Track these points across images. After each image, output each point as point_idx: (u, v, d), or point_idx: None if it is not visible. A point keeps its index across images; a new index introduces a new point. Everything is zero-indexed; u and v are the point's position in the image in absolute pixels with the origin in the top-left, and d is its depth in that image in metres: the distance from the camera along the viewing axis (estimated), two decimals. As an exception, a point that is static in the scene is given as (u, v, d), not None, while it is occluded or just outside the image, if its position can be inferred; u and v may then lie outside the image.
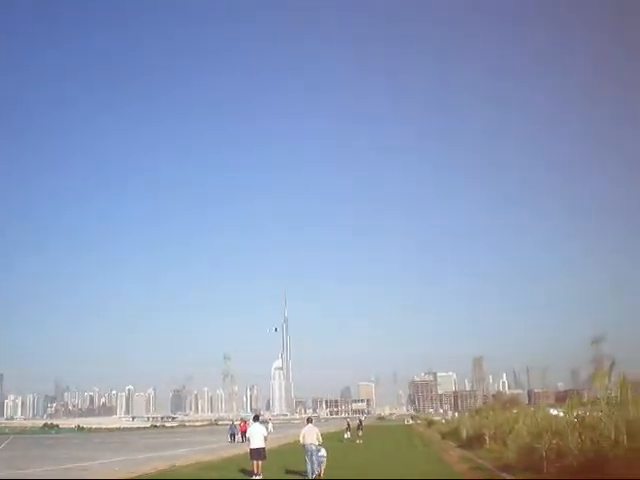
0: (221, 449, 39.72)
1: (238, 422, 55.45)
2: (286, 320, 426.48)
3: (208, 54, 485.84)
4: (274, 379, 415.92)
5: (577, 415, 15.66)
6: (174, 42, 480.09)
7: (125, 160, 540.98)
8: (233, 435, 51.99)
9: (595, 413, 14.91)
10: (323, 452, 21.87)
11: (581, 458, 13.93)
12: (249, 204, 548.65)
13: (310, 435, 21.51)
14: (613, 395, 13.50)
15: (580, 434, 14.43)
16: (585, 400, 22.16)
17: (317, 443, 21.47)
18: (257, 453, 21.16)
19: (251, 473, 21.30)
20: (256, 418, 23.89)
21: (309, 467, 21.12)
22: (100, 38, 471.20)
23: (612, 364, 13.90)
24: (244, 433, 46.97)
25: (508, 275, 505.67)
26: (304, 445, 21.46)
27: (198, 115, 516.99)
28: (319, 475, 21.28)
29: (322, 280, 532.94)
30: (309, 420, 23.86)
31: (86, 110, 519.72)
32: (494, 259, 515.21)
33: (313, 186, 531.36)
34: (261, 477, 20.86)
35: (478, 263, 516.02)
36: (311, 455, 21.21)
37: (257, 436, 21.37)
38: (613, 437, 11.41)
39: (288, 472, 23.36)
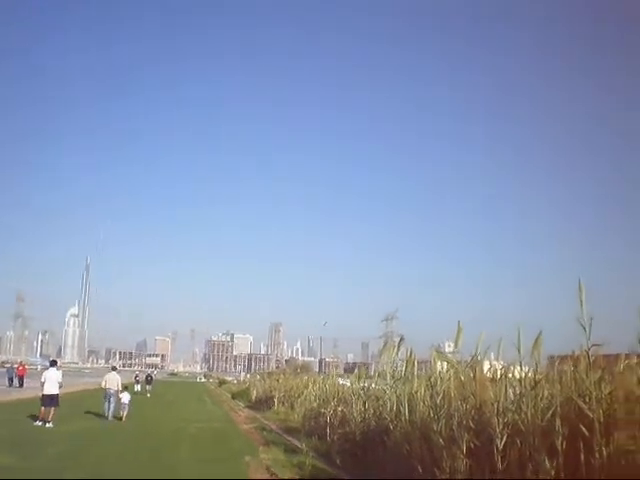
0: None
1: (16, 365, 51.68)
2: (88, 266, 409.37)
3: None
4: (68, 326, 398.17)
5: (363, 386, 16.31)
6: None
7: None
8: (11, 379, 48.14)
9: (380, 386, 15.55)
10: (127, 398, 24.22)
11: (363, 426, 14.60)
12: None
13: (112, 381, 24.10)
14: (399, 370, 14.14)
15: (365, 403, 15.07)
16: (372, 373, 23.27)
17: (117, 389, 24.11)
18: (50, 399, 20.28)
19: (37, 419, 20.34)
20: (53, 363, 23.05)
21: (107, 408, 23.56)
22: None
23: (401, 339, 14.59)
24: (22, 377, 45.80)
25: (310, 250, 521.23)
26: (105, 389, 23.92)
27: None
28: (121, 418, 23.25)
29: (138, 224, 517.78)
30: (113, 368, 27.07)
31: None
32: (303, 228, 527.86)
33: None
34: (51, 424, 19.87)
35: (284, 231, 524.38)
36: (109, 397, 23.72)
37: (52, 382, 20.60)
38: (395, 408, 11.94)
39: (87, 413, 25.33)
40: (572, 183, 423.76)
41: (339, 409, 18.13)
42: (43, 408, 20.25)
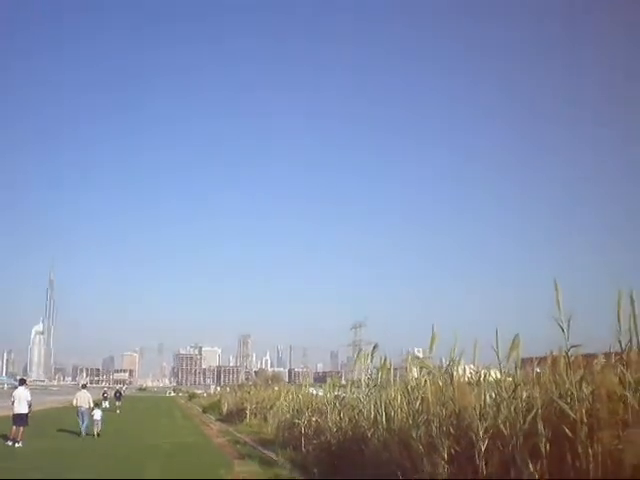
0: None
1: None
2: (52, 282, 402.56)
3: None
4: (34, 343, 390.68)
5: (337, 395, 16.18)
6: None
7: None
8: None
9: (354, 394, 15.42)
10: (99, 415, 24.79)
11: (339, 436, 14.42)
12: None
13: (83, 399, 24.77)
14: (373, 377, 14.03)
15: (340, 412, 14.91)
16: (343, 381, 23.14)
17: (88, 406, 24.70)
18: (20, 419, 20.16)
19: (8, 438, 20.06)
20: (22, 382, 22.84)
21: (81, 425, 24.12)
22: None
23: (375, 347, 14.45)
24: None
25: (277, 261, 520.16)
26: (78, 407, 24.61)
27: None
28: (98, 435, 23.67)
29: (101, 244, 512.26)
30: (84, 386, 27.91)
31: None
32: (269, 238, 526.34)
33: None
34: (21, 444, 19.64)
35: (249, 241, 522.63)
36: (82, 416, 24.42)
37: (21, 401, 20.53)
38: (372, 416, 11.81)
39: (60, 431, 25.74)
40: (552, 179, 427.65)
41: (313, 419, 17.95)
42: (14, 427, 20.00)
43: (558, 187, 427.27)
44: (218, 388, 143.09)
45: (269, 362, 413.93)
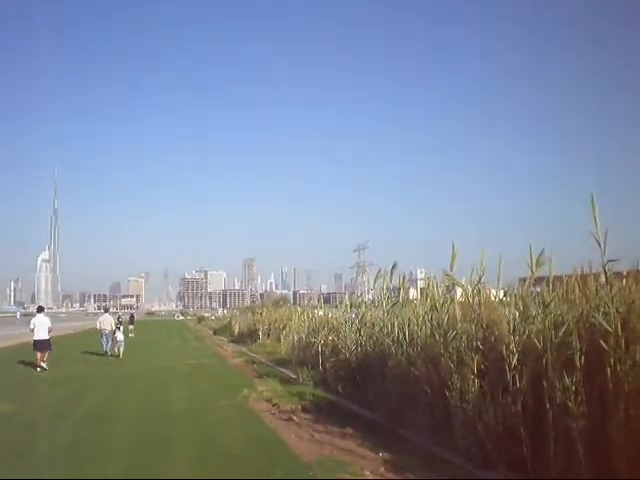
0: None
1: None
2: (56, 211, 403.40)
3: None
4: (40, 271, 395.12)
5: (357, 313, 16.27)
6: None
7: None
8: None
9: (370, 313, 15.50)
10: (121, 336, 26.75)
11: (359, 353, 14.64)
12: None
13: (106, 322, 26.92)
14: (394, 295, 14.12)
15: (359, 330, 15.06)
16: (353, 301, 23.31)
17: (110, 329, 26.72)
18: (41, 344, 20.91)
19: (37, 365, 20.78)
20: (40, 309, 23.26)
21: (105, 345, 26.47)
22: None
23: (394, 266, 14.43)
24: None
25: (282, 185, 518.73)
26: (102, 330, 26.65)
27: None
28: (118, 355, 25.60)
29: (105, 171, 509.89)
30: (106, 310, 29.67)
31: None
32: (269, 172, 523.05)
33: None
34: (45, 366, 20.56)
35: (259, 175, 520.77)
36: (106, 338, 26.57)
37: (41, 327, 21.24)
38: (396, 334, 11.93)
39: (85, 352, 27.96)
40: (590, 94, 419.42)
41: (329, 338, 18.20)
42: (38, 354, 20.77)
43: (596, 102, 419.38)
44: (225, 311, 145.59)
45: (273, 285, 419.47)
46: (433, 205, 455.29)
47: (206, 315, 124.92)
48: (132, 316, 55.02)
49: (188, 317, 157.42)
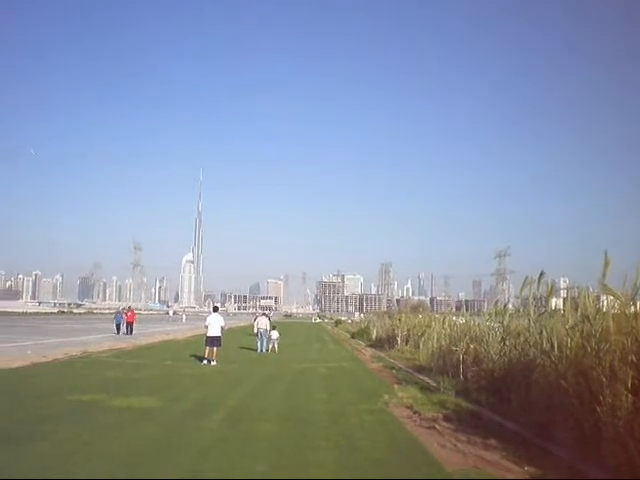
0: (132, 337, 39.39)
1: (125, 310, 48.35)
2: (200, 213, 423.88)
3: None
4: (184, 272, 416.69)
5: (501, 322, 15.83)
6: None
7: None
8: (118, 326, 43.46)
9: (514, 322, 15.10)
10: (276, 335, 30.94)
11: (501, 363, 14.30)
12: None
13: (262, 323, 31.03)
14: (542, 304, 13.62)
15: (503, 339, 14.72)
16: (485, 311, 22.79)
17: (265, 328, 30.66)
18: (212, 341, 23.07)
19: (203, 358, 23.09)
20: (215, 309, 25.77)
21: (259, 345, 30.35)
22: None
23: (541, 273, 13.94)
24: (131, 324, 43.09)
25: (419, 190, 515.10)
26: (258, 329, 30.89)
27: None
28: (274, 350, 29.93)
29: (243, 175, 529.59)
30: (264, 314, 34.85)
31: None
32: (408, 173, 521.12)
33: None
34: (215, 362, 22.63)
35: (396, 176, 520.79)
36: (261, 337, 30.46)
37: (215, 325, 23.45)
38: (543, 345, 11.54)
39: (241, 348, 32.09)
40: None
41: (471, 347, 17.88)
42: (207, 348, 22.97)
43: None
44: (362, 315, 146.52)
45: (410, 290, 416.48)
46: (584, 213, 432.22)
47: (343, 319, 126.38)
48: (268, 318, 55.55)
49: (325, 320, 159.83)
